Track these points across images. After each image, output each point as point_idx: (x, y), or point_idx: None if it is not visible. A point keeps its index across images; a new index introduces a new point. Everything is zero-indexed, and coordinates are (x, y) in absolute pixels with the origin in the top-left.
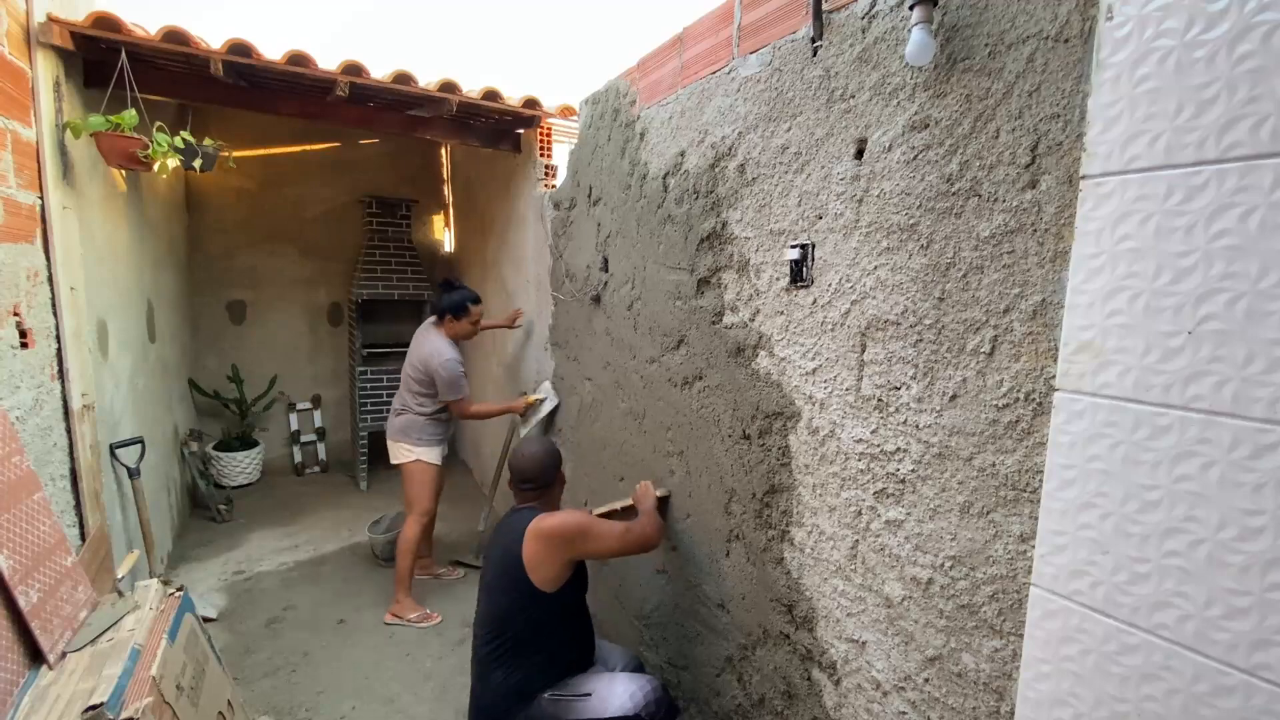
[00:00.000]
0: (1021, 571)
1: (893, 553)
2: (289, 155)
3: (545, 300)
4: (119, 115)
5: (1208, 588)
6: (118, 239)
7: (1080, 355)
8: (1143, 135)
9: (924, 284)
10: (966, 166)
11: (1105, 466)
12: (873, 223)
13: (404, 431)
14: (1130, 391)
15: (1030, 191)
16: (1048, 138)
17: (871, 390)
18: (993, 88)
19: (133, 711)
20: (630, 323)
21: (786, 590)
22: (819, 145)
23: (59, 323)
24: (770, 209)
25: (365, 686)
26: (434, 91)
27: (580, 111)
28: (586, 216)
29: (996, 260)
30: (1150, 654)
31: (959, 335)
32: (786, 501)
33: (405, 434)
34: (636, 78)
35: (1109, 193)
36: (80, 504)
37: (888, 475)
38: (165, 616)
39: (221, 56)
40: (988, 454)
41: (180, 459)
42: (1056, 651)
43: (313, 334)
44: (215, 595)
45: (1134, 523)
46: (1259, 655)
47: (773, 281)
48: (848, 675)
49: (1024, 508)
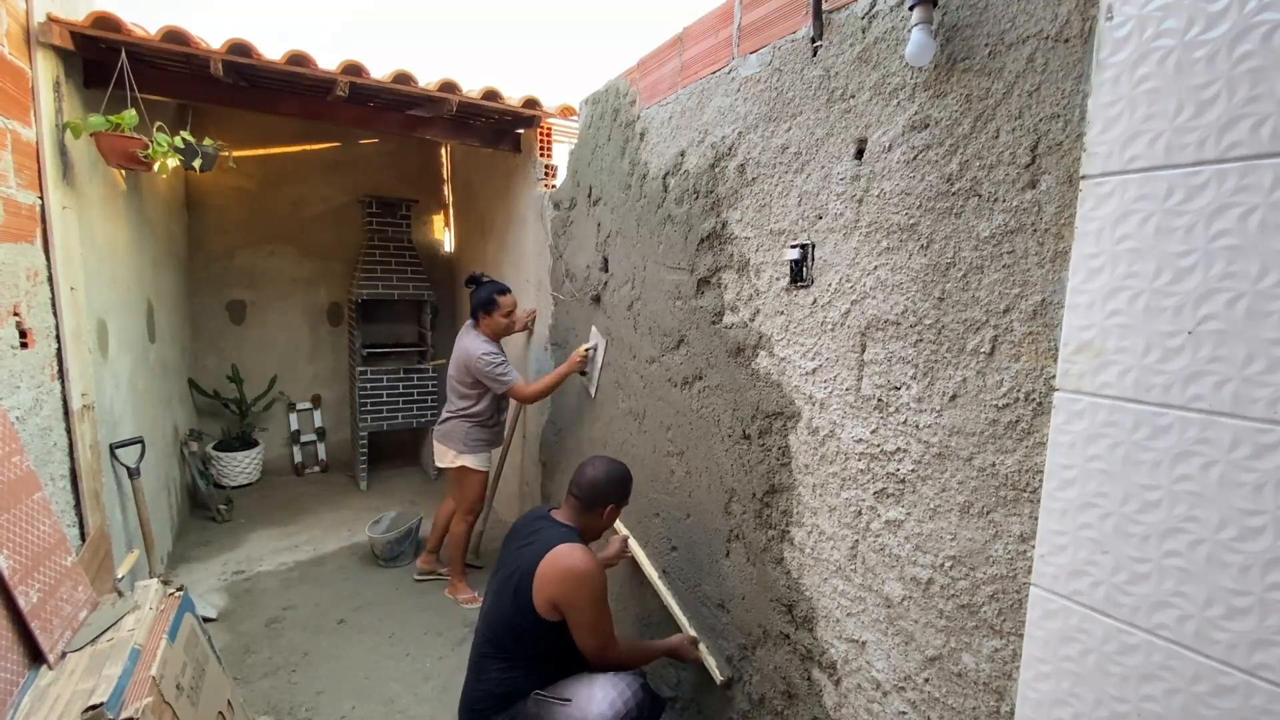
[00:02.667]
0: (1021, 571)
1: (893, 553)
2: (289, 155)
3: (545, 300)
4: (119, 115)
5: (1208, 588)
6: (118, 239)
7: (1080, 355)
8: (1143, 135)
9: (924, 284)
10: (966, 166)
11: (1105, 466)
12: (873, 223)
13: (449, 436)
14: (1130, 391)
15: (1030, 191)
16: (1048, 138)
17: (871, 390)
18: (993, 88)
19: (133, 711)
20: (630, 322)
21: (786, 590)
22: (819, 145)
23: (59, 322)
24: (770, 209)
25: (365, 686)
26: (434, 91)
27: (580, 111)
28: (586, 216)
29: (996, 260)
30: (1150, 654)
31: (959, 335)
32: (786, 501)
33: (450, 439)
34: (636, 78)
35: (1109, 192)
36: (80, 504)
37: (888, 475)
38: (165, 616)
39: (222, 56)
40: (988, 454)
41: (180, 459)
42: (1056, 651)
43: (313, 334)
44: (215, 595)
45: (1134, 523)
46: (1259, 655)
47: (773, 281)
48: (848, 675)
49: (1024, 508)
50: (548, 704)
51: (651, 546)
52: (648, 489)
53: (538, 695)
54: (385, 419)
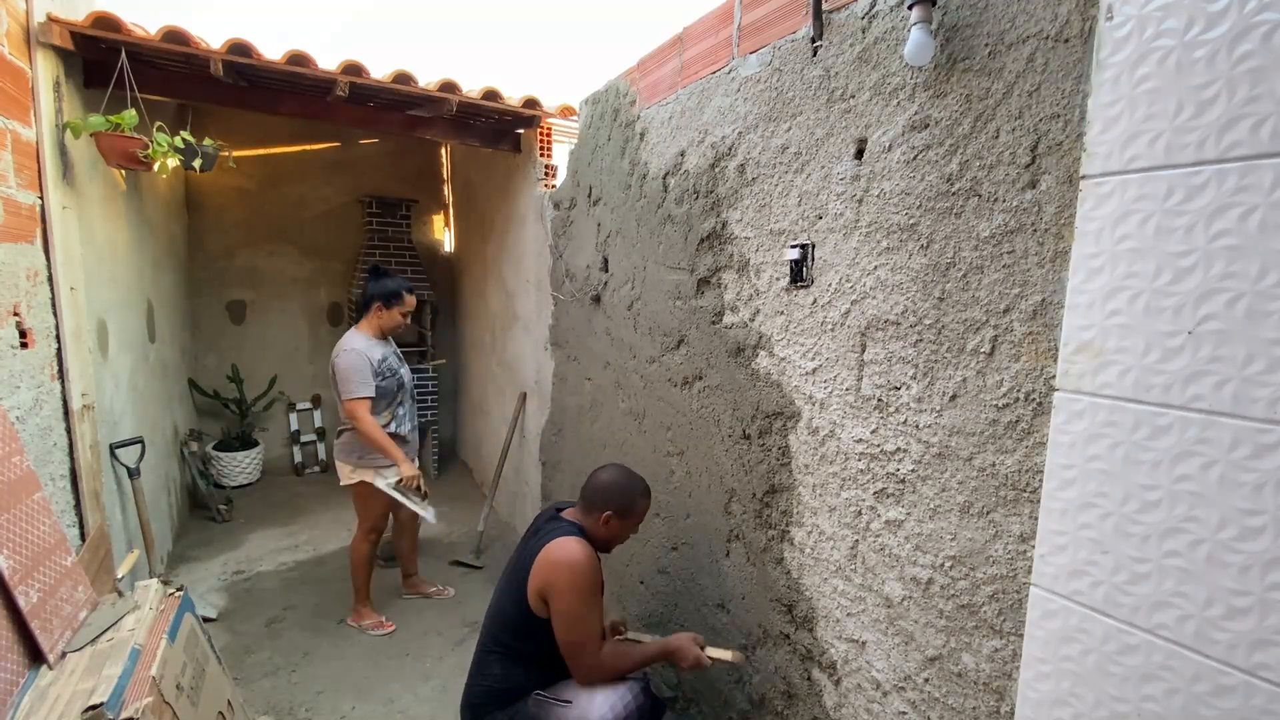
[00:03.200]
0: (1021, 571)
1: (893, 553)
2: (289, 155)
3: (545, 300)
4: (119, 115)
5: (1208, 588)
6: (118, 239)
7: (1080, 355)
8: (1143, 135)
9: (924, 284)
10: (966, 166)
11: (1105, 466)
12: (873, 223)
13: (344, 450)
14: (1130, 391)
15: (1030, 191)
16: (1048, 137)
17: (871, 390)
18: (993, 88)
19: (133, 711)
20: (630, 323)
21: (786, 590)
22: (819, 145)
23: (59, 322)
24: (770, 209)
25: (365, 686)
26: (434, 91)
27: (580, 111)
28: (586, 216)
29: (996, 260)
30: (1150, 654)
31: (959, 335)
32: (786, 501)
33: (345, 453)
34: (636, 78)
35: (1109, 192)
36: (80, 504)
37: (888, 475)
38: (165, 616)
39: (222, 56)
40: (988, 454)
41: (180, 459)
42: (1056, 651)
43: (313, 334)
44: (215, 595)
45: (1134, 523)
46: (1259, 655)
47: (773, 281)
48: (848, 675)
49: (1024, 508)
50: (547, 704)
51: (652, 546)
52: None
53: (538, 695)
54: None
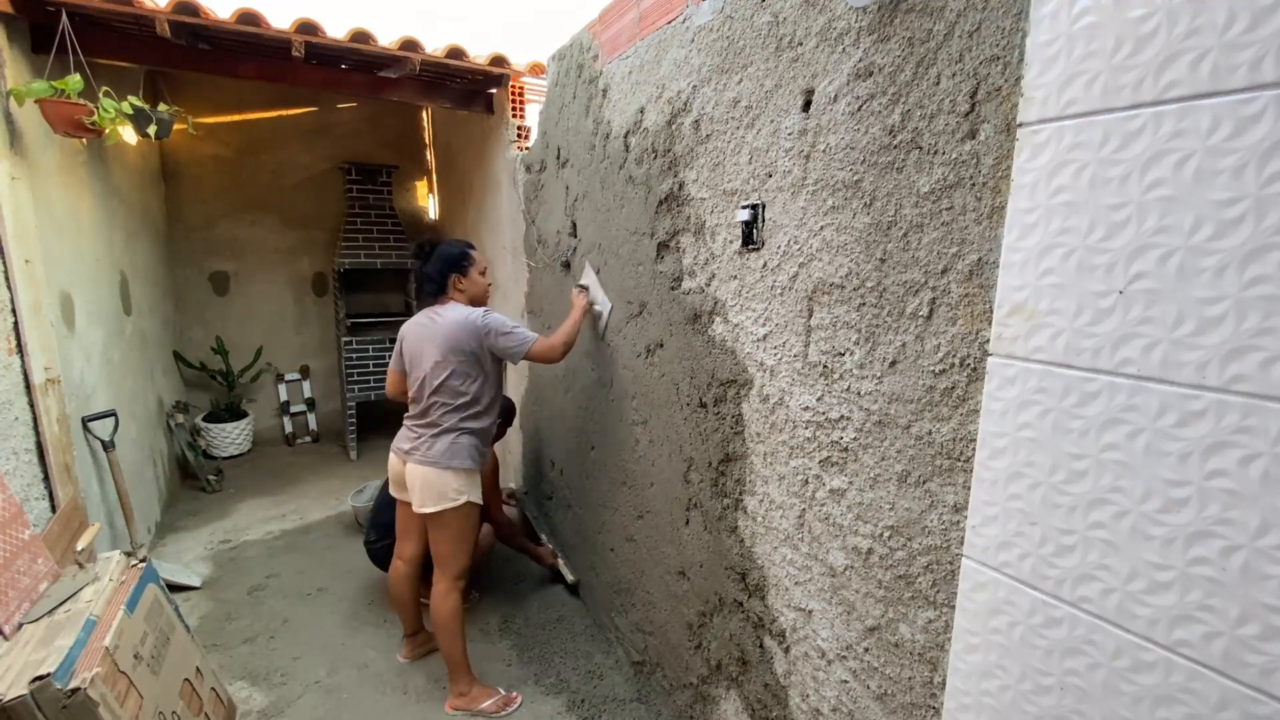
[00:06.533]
0: (955, 542)
1: (836, 522)
2: (266, 122)
3: (521, 268)
4: (62, 81)
5: (1131, 561)
6: (81, 210)
7: (1013, 318)
8: (1080, 76)
9: (867, 244)
10: (908, 117)
11: (1035, 435)
12: (819, 180)
13: (452, 455)
14: (1061, 356)
15: (969, 142)
16: (987, 82)
17: (818, 357)
18: (934, 29)
19: (80, 681)
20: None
21: (740, 558)
22: (768, 98)
23: (14, 296)
24: (724, 167)
25: (341, 652)
26: (394, 50)
27: (548, 68)
28: (555, 179)
29: (935, 218)
30: (1074, 628)
31: (899, 298)
32: (740, 470)
33: (464, 456)
34: (599, 30)
35: (1045, 141)
36: (49, 477)
37: (832, 444)
38: (125, 588)
39: (168, 16)
40: (924, 422)
41: (166, 431)
42: (985, 624)
43: (298, 304)
44: (201, 564)
45: (1061, 493)
46: (1179, 631)
47: (726, 244)
48: (796, 643)
49: (958, 477)
50: None
51: (621, 514)
52: (616, 457)
53: None
54: (373, 389)
